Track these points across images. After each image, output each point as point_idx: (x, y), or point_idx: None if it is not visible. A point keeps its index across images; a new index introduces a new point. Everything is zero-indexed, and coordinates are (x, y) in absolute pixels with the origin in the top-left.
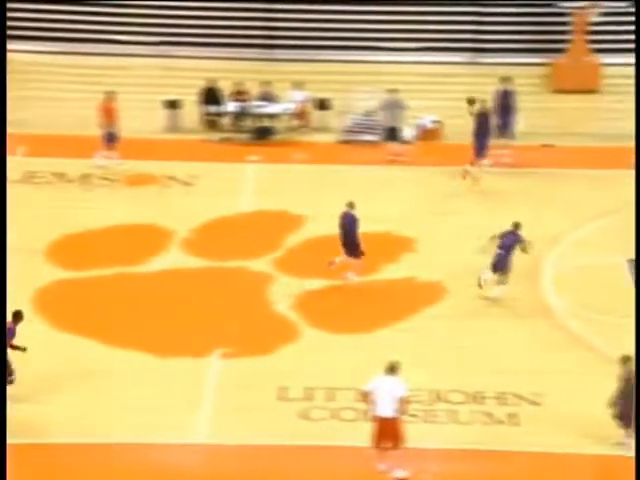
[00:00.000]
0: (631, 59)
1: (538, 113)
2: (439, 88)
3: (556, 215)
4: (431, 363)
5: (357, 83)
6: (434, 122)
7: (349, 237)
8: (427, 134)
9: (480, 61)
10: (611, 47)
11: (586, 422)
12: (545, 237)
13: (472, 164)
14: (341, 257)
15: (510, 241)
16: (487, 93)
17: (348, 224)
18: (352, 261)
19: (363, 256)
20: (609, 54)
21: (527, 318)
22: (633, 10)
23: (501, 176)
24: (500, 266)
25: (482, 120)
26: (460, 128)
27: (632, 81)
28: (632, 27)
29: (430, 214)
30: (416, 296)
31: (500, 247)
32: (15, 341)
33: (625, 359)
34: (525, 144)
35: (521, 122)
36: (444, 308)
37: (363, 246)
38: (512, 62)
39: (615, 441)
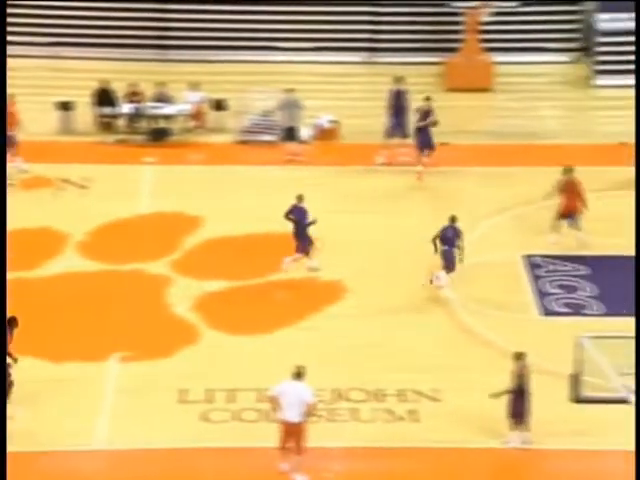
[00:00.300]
0: (522, 57)
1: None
2: (336, 88)
3: (452, 212)
4: (332, 362)
5: (253, 83)
6: (331, 122)
7: (298, 230)
8: (324, 134)
9: (376, 60)
10: (502, 46)
11: (484, 417)
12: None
13: (421, 163)
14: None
15: (451, 234)
16: (383, 92)
17: (297, 217)
18: (301, 256)
19: (311, 250)
20: (501, 53)
21: (425, 315)
22: (523, 10)
23: (398, 175)
24: (449, 261)
25: (423, 117)
26: (357, 128)
27: (524, 79)
28: (522, 26)
29: (329, 214)
30: (317, 295)
31: (443, 243)
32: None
33: (518, 355)
34: None
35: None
36: (345, 307)
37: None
38: (407, 61)
39: (504, 440)
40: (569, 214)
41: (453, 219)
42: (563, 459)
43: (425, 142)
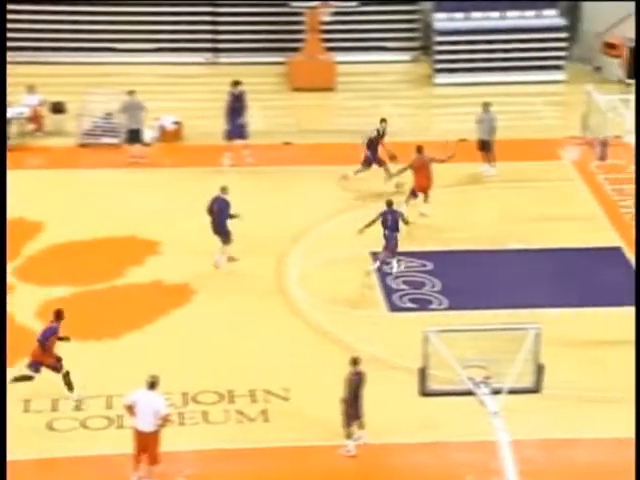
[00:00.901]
0: (363, 57)
1: (277, 112)
2: (178, 89)
3: (299, 212)
4: (181, 365)
5: (93, 85)
6: (174, 123)
7: (218, 221)
8: (168, 136)
9: (219, 61)
10: (344, 45)
11: (335, 415)
12: (288, 234)
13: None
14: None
15: (392, 219)
16: (226, 93)
17: (218, 208)
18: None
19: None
20: (342, 52)
21: (274, 314)
22: (363, 9)
23: (243, 175)
24: (391, 246)
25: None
26: (201, 129)
27: (366, 78)
28: (363, 26)
29: (174, 216)
30: (163, 299)
31: (385, 227)
32: None
33: (353, 360)
34: (265, 143)
35: (260, 121)
36: (192, 309)
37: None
38: (250, 61)
39: (346, 449)
40: (421, 191)
41: (390, 203)
42: (412, 453)
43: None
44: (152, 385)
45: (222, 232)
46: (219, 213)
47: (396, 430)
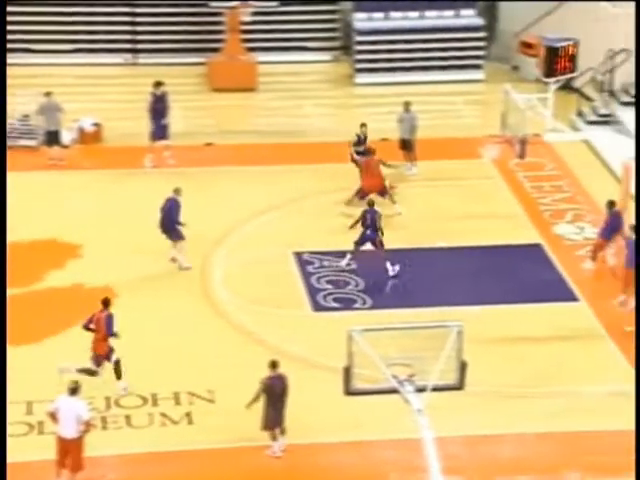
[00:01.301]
0: (284, 57)
1: (198, 112)
2: (97, 90)
3: (221, 213)
4: (103, 369)
5: (9, 87)
6: (93, 125)
7: (166, 221)
8: (87, 137)
9: (138, 62)
10: (265, 46)
11: (259, 416)
12: (211, 236)
13: None
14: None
15: (371, 217)
16: (146, 94)
17: (168, 208)
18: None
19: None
20: (263, 52)
21: (199, 316)
22: (283, 9)
23: (165, 177)
24: (376, 244)
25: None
26: (121, 130)
27: (287, 78)
28: (283, 26)
29: (94, 219)
30: (84, 302)
31: (366, 226)
32: None
33: (271, 364)
34: (187, 144)
35: (181, 122)
36: (114, 312)
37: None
38: (170, 62)
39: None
40: (370, 192)
41: (371, 203)
42: (337, 452)
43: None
44: (74, 391)
45: (170, 231)
46: (168, 213)
47: (321, 429)
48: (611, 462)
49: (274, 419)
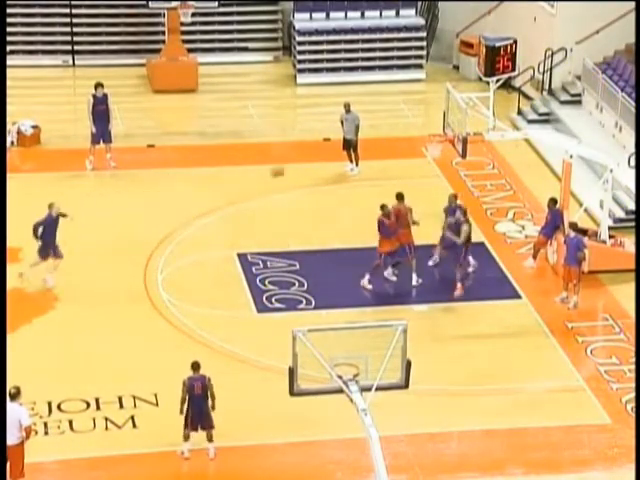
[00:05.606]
0: (225, 58)
1: (138, 114)
2: (35, 92)
3: (163, 215)
4: (45, 374)
5: None
6: (32, 127)
7: (47, 235)
8: (25, 140)
9: (77, 63)
10: (205, 46)
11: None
12: (153, 238)
13: None
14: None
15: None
16: (84, 96)
17: (48, 224)
18: (48, 262)
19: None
20: (204, 53)
21: (141, 319)
22: (223, 10)
23: (106, 179)
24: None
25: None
26: (59, 132)
27: (228, 79)
28: (224, 27)
29: (34, 222)
30: (25, 307)
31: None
32: None
33: (192, 365)
34: (128, 146)
35: (122, 124)
36: (55, 317)
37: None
38: (109, 64)
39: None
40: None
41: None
42: (282, 452)
43: None
44: (14, 396)
45: (46, 245)
46: (47, 228)
47: (266, 431)
48: (555, 458)
49: (192, 419)
